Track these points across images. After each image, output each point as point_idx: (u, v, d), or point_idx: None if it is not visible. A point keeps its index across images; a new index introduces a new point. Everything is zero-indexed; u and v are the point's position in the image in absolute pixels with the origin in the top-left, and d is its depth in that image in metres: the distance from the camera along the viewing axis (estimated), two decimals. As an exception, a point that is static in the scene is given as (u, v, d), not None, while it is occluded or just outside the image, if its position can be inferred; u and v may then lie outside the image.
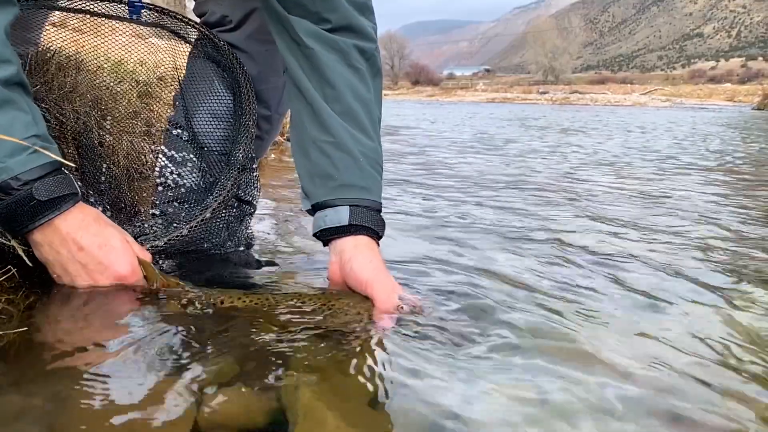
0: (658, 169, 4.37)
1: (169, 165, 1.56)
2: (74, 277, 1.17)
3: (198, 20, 1.68)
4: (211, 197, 1.41)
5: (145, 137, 1.68)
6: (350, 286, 1.25)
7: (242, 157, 1.46)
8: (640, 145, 6.62)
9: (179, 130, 1.57)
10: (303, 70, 1.35)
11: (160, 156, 1.58)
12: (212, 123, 1.56)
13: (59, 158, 1.12)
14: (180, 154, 1.56)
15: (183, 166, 1.55)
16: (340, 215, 1.27)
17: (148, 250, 1.29)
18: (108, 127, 1.59)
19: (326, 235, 1.30)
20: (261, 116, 1.63)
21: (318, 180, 1.32)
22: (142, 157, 1.72)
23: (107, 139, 1.59)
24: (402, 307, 1.16)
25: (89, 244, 1.15)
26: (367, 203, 1.30)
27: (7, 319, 1.08)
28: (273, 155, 4.33)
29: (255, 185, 1.56)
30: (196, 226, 1.35)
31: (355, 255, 1.24)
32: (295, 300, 1.20)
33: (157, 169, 1.59)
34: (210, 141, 1.56)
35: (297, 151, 1.39)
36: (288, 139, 5.29)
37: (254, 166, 1.54)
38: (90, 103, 1.58)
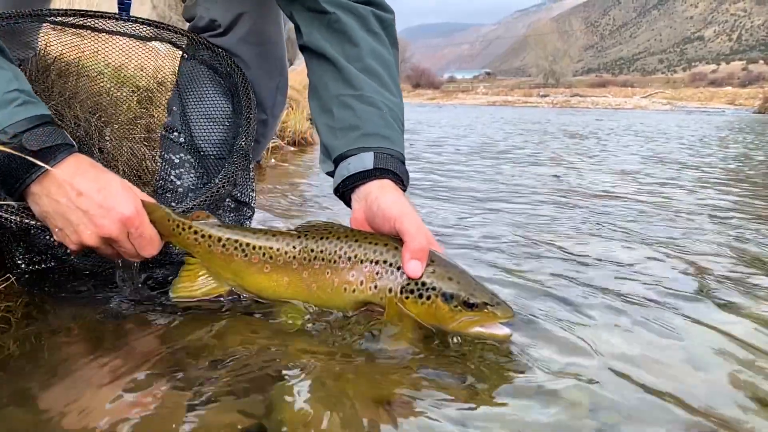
0: (684, 179, 4.09)
1: (166, 167, 1.56)
2: (77, 226, 1.11)
3: (187, 24, 1.68)
4: (217, 179, 1.39)
5: (145, 143, 1.68)
6: (376, 228, 1.21)
7: (245, 145, 1.45)
8: (654, 153, 6.41)
9: (175, 134, 1.57)
10: (323, 36, 1.36)
11: (158, 160, 1.58)
12: (208, 125, 1.56)
13: (46, 111, 1.11)
14: (177, 156, 1.56)
15: (180, 168, 1.55)
16: (365, 161, 1.25)
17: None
18: (107, 134, 1.59)
19: (349, 184, 1.26)
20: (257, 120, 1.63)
21: (340, 133, 1.30)
22: (143, 162, 1.71)
23: (107, 146, 1.59)
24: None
25: (88, 188, 1.10)
26: (391, 152, 1.27)
27: (6, 328, 1.08)
28: (273, 160, 4.32)
29: (251, 186, 1.56)
30: (203, 202, 1.33)
31: (382, 195, 1.21)
32: (319, 237, 1.17)
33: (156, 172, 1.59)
34: (207, 145, 1.55)
35: (318, 113, 1.38)
36: (288, 143, 5.30)
37: (250, 167, 1.54)
38: (90, 108, 1.58)
